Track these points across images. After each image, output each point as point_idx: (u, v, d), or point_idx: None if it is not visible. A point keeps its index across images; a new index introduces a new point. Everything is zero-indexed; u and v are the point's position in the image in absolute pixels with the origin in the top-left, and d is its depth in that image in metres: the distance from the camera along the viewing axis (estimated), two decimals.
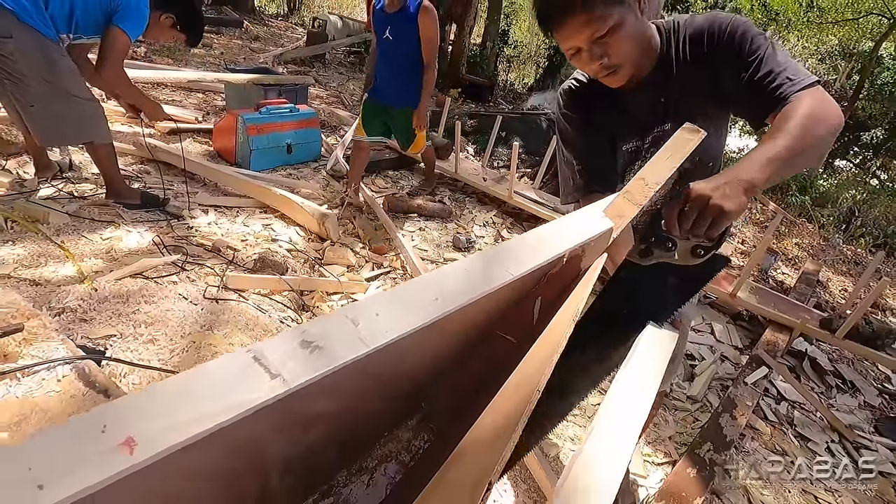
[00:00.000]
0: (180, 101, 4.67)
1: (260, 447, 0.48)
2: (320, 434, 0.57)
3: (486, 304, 0.69)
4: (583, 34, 0.92)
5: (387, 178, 4.19)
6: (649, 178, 0.74)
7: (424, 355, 0.65)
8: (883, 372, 2.93)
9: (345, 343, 0.44)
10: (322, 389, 0.49)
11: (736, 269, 3.72)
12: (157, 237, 2.32)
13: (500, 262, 0.60)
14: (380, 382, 0.60)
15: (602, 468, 0.53)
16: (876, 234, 5.95)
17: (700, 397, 2.32)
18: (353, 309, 0.48)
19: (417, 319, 0.49)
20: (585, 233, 0.70)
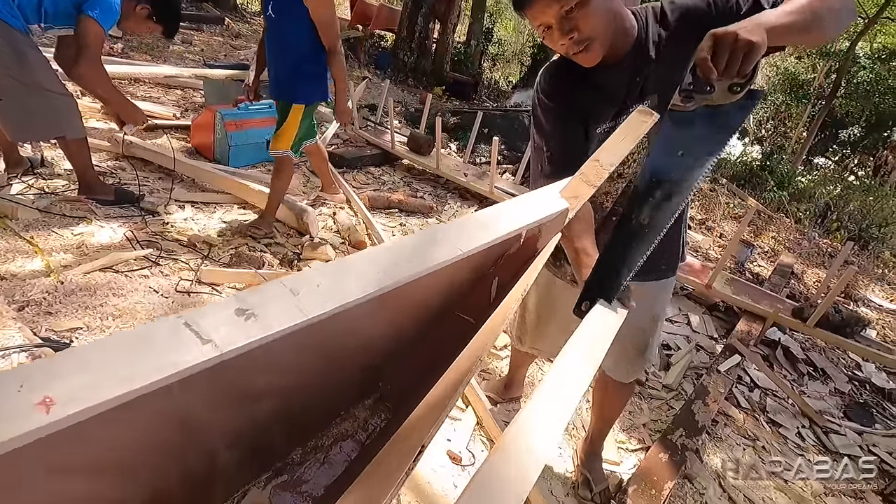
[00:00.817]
0: (158, 98, 4.60)
1: (201, 420, 0.48)
2: (269, 410, 0.57)
3: (441, 283, 0.69)
4: (552, 9, 0.94)
5: (368, 175, 4.18)
6: (604, 160, 0.75)
7: (378, 333, 0.65)
8: (853, 359, 3.00)
9: (282, 312, 0.44)
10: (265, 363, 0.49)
11: (712, 261, 3.78)
12: (131, 232, 2.29)
13: (450, 240, 0.60)
14: (330, 360, 0.61)
15: (539, 431, 0.54)
16: (851, 228, 6.08)
17: (675, 386, 2.36)
18: (293, 280, 0.48)
19: (360, 292, 0.49)
20: (540, 213, 0.71)
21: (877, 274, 4.79)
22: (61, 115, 2.29)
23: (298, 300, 0.47)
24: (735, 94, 0.74)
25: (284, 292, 0.47)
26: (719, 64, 0.73)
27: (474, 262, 0.69)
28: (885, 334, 3.52)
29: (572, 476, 1.74)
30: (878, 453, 2.23)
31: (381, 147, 4.42)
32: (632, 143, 0.83)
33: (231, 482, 0.61)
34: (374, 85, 7.13)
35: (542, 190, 0.80)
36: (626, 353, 1.40)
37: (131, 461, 0.45)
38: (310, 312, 0.46)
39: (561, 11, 0.94)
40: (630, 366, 1.43)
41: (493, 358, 2.25)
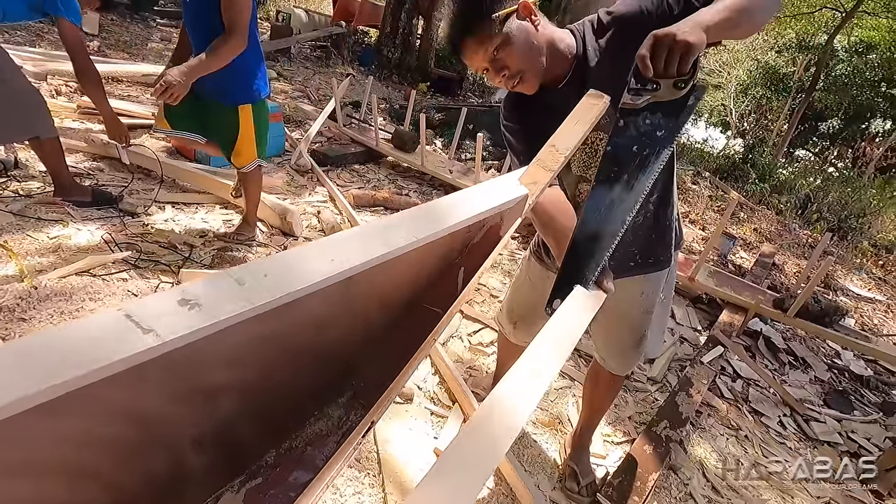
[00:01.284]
0: (137, 97, 4.52)
1: (159, 417, 0.47)
2: (234, 408, 0.56)
3: (406, 274, 0.69)
4: (479, 55, 1.05)
5: (353, 172, 4.15)
6: (559, 145, 0.76)
7: (344, 329, 0.64)
8: (833, 348, 3.07)
9: (227, 301, 0.43)
10: (220, 356, 0.48)
11: (696, 253, 3.83)
12: (109, 234, 2.25)
13: (405, 228, 0.59)
14: (297, 355, 0.60)
15: (510, 409, 0.56)
16: (830, 218, 6.20)
17: (659, 378, 2.39)
18: (239, 270, 0.47)
19: (308, 281, 0.48)
20: (500, 199, 0.71)
21: (855, 263, 4.89)
22: (32, 115, 2.23)
23: (244, 290, 0.45)
24: (680, 90, 0.79)
25: (230, 282, 0.46)
26: (658, 63, 0.78)
27: (438, 251, 0.69)
28: (864, 322, 3.60)
29: (559, 470, 1.76)
30: (856, 439, 2.28)
31: (366, 144, 4.39)
32: (584, 127, 0.83)
33: (203, 486, 0.60)
34: (358, 82, 7.08)
35: (502, 178, 0.81)
36: (620, 347, 1.42)
37: (81, 460, 0.43)
38: (256, 301, 0.45)
39: (488, 55, 1.04)
40: (625, 358, 1.45)
41: (479, 354, 2.25)
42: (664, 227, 1.26)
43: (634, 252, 1.25)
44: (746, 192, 6.57)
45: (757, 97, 17.20)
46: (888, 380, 2.89)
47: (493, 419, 0.55)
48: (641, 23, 1.02)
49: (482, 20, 1.02)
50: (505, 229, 0.73)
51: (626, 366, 1.47)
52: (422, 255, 0.65)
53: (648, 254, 1.27)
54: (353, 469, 1.53)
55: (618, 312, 1.37)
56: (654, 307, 1.36)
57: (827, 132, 16.68)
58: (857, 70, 13.40)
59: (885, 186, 9.40)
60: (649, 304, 1.35)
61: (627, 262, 1.26)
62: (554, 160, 0.75)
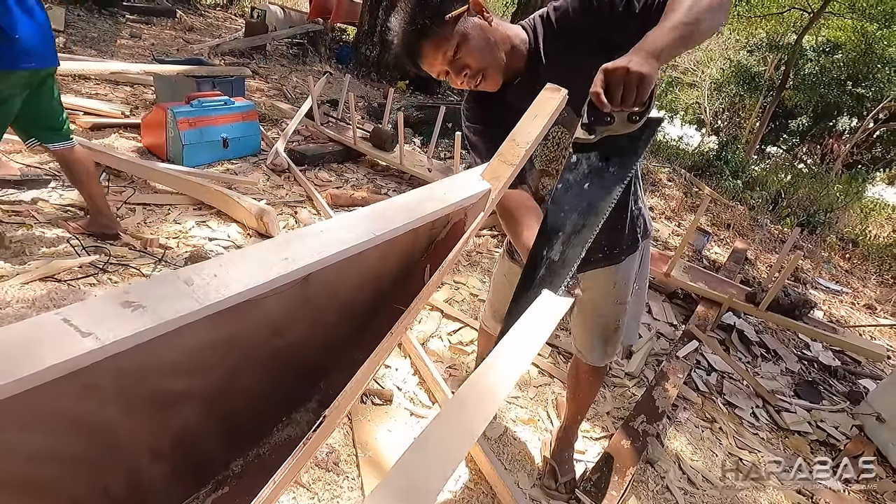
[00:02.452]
0: (105, 95, 4.38)
1: (110, 428, 0.45)
2: (195, 416, 0.54)
3: (368, 274, 0.68)
4: (437, 59, 1.03)
5: (331, 171, 4.11)
6: (519, 139, 0.77)
7: (306, 331, 0.63)
8: (803, 340, 3.16)
9: (174, 302, 0.41)
10: (173, 361, 0.47)
11: (672, 249, 3.90)
12: (75, 238, 2.17)
13: (363, 225, 0.59)
14: (260, 361, 0.58)
15: (482, 398, 0.58)
16: (800, 214, 6.38)
17: (637, 373, 2.42)
18: (187, 271, 0.45)
19: (261, 280, 0.46)
20: (461, 195, 0.71)
21: (823, 257, 5.05)
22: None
23: (192, 291, 0.44)
24: (634, 122, 0.78)
25: (177, 283, 0.44)
26: (614, 98, 0.77)
27: (401, 248, 0.68)
28: (831, 314, 3.72)
29: (538, 468, 1.77)
30: (825, 428, 2.35)
31: (343, 143, 4.35)
32: (543, 121, 0.84)
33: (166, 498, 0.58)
34: (336, 80, 7.01)
35: (464, 174, 0.81)
36: (597, 338, 1.44)
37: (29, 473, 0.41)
38: (205, 301, 0.43)
39: (447, 57, 1.02)
40: (602, 350, 1.47)
41: (459, 354, 2.25)
42: (630, 217, 1.28)
43: (602, 243, 1.27)
44: (720, 189, 6.71)
45: (730, 95, 17.60)
46: (854, 369, 2.99)
47: (467, 407, 0.55)
48: (583, 23, 1.04)
49: (436, 23, 1.00)
50: (469, 225, 0.73)
51: (604, 357, 1.49)
52: (383, 253, 0.64)
53: (615, 244, 1.29)
54: (332, 473, 1.52)
55: (592, 305, 1.39)
56: (627, 297, 1.38)
57: (797, 129, 17.16)
58: (824, 69, 13.81)
59: (850, 182, 9.73)
60: (622, 294, 1.37)
61: (595, 254, 1.27)
62: (515, 154, 0.76)
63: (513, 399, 2.07)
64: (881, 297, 4.40)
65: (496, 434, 1.87)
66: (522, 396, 2.10)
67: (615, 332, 1.42)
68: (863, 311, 4.03)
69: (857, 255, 5.39)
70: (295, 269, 0.49)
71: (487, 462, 1.64)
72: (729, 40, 16.78)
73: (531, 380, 2.20)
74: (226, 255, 0.48)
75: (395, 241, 0.61)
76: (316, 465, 1.52)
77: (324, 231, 0.55)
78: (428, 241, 0.69)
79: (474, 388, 0.58)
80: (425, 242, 0.68)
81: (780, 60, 14.70)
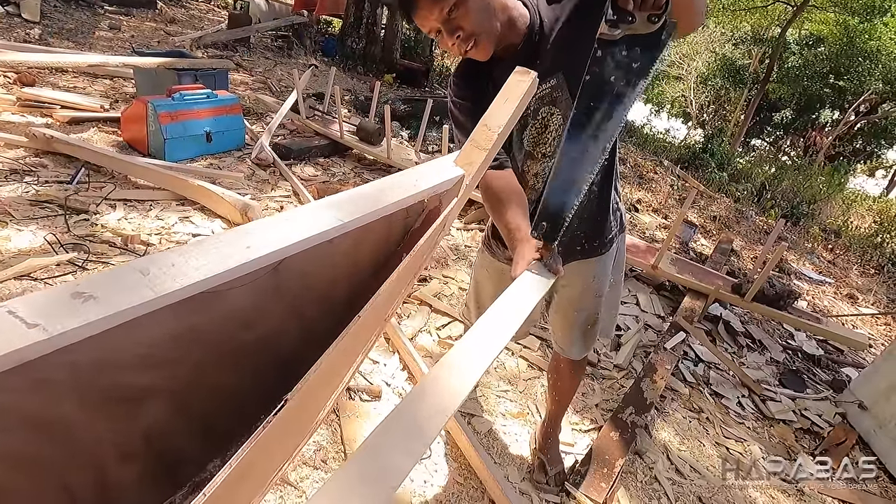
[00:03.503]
0: (84, 88, 4.28)
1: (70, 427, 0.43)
2: (164, 414, 0.52)
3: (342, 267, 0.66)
4: (433, 14, 0.99)
5: (317, 166, 4.06)
6: (491, 124, 0.76)
7: (278, 323, 0.61)
8: (787, 330, 3.20)
9: (128, 292, 0.40)
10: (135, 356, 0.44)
11: (659, 241, 3.92)
12: (52, 235, 2.12)
13: (331, 213, 0.57)
14: (233, 356, 0.56)
15: (461, 370, 0.58)
16: (784, 205, 6.46)
17: (625, 365, 2.44)
18: (144, 260, 0.43)
19: (221, 269, 0.45)
20: (434, 181, 0.70)
21: (807, 248, 5.12)
22: None
23: (148, 279, 0.42)
24: (654, 24, 0.82)
25: (132, 273, 0.43)
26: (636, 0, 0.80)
27: (375, 237, 0.67)
28: (815, 304, 3.78)
29: (528, 461, 1.77)
30: (809, 416, 2.39)
31: (330, 137, 4.30)
32: (514, 104, 0.83)
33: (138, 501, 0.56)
34: (321, 73, 6.92)
35: (437, 160, 0.81)
36: (576, 332, 1.44)
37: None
38: (161, 291, 0.41)
39: (443, 14, 0.99)
40: (581, 343, 1.47)
41: (448, 348, 2.24)
42: (607, 210, 1.29)
43: (580, 236, 1.28)
44: (706, 181, 6.77)
45: (716, 88, 17.75)
46: (837, 358, 3.04)
47: (441, 384, 0.55)
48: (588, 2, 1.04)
49: None
50: (451, 212, 0.72)
51: (584, 350, 1.50)
52: (357, 242, 0.63)
53: (594, 237, 1.30)
54: (319, 471, 1.50)
55: (571, 298, 1.40)
56: (605, 290, 1.39)
57: (780, 122, 17.39)
58: (807, 62, 13.98)
59: (833, 174, 9.87)
60: (600, 287, 1.38)
61: (574, 247, 1.28)
62: (487, 139, 0.75)
63: (502, 393, 2.07)
64: (862, 286, 4.48)
65: (486, 428, 1.86)
66: (512, 390, 2.10)
67: (594, 325, 1.43)
68: (845, 300, 4.10)
69: (840, 246, 5.48)
70: (256, 258, 0.47)
71: (477, 456, 1.63)
72: (714, 33, 16.90)
73: (520, 373, 2.19)
74: (186, 246, 0.46)
75: (368, 229, 0.60)
76: (304, 464, 1.50)
77: (288, 220, 0.54)
78: (404, 230, 0.68)
79: (449, 366, 0.58)
80: (401, 231, 0.67)
81: (765, 53, 14.85)
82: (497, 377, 2.15)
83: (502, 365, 2.23)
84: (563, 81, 1.10)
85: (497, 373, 2.18)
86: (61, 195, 2.52)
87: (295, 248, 0.51)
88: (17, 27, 5.51)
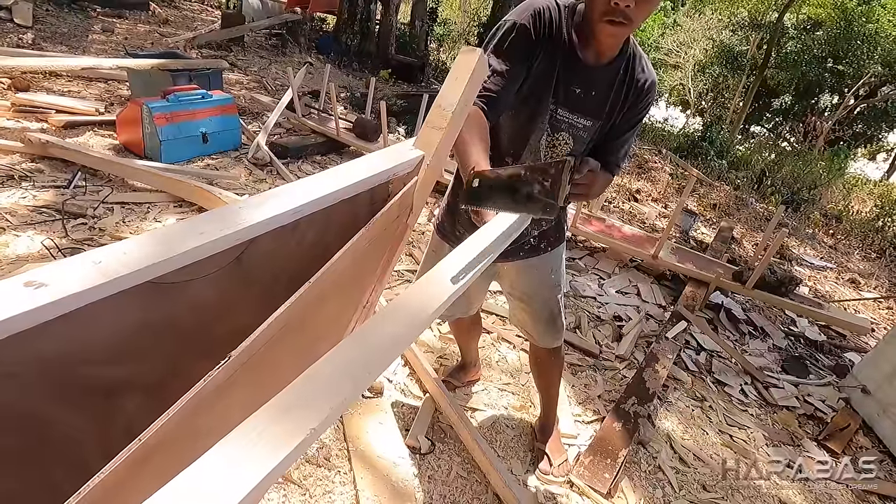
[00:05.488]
0: (79, 92, 4.26)
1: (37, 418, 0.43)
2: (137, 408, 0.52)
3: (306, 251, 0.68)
4: None
5: (315, 164, 4.05)
6: (444, 104, 0.76)
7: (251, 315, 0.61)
8: (789, 316, 3.19)
9: (79, 280, 0.40)
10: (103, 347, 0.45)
11: (659, 231, 3.91)
12: (50, 240, 2.11)
13: (284, 198, 0.58)
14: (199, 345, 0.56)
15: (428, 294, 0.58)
16: (784, 191, 6.44)
17: (627, 355, 2.43)
18: (97, 251, 0.44)
19: (172, 253, 0.45)
20: (393, 162, 0.71)
21: (807, 234, 5.10)
22: None
23: (100, 267, 0.43)
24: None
25: (84, 262, 0.43)
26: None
27: (341, 222, 0.68)
28: (816, 290, 3.77)
29: (532, 453, 1.77)
30: (812, 402, 2.39)
31: (326, 134, 4.28)
32: (463, 84, 0.81)
33: None
34: (317, 70, 6.89)
35: (398, 144, 0.82)
36: (541, 321, 1.50)
37: None
38: (114, 274, 0.42)
39: None
40: (549, 332, 1.53)
41: (449, 343, 2.24)
42: (565, 209, 1.39)
43: (548, 232, 1.36)
44: (706, 169, 6.74)
45: (714, 76, 17.64)
46: (840, 343, 3.03)
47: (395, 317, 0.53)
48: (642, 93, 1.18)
49: None
50: (408, 193, 0.73)
51: (553, 339, 1.55)
52: (323, 227, 0.63)
53: (557, 233, 1.40)
54: (323, 468, 1.50)
55: (531, 293, 1.46)
56: (560, 281, 1.47)
57: (780, 108, 17.28)
58: (805, 47, 13.87)
59: (833, 159, 9.82)
60: (558, 277, 1.45)
61: (540, 244, 1.37)
62: (442, 119, 0.75)
63: (504, 386, 2.06)
64: (864, 271, 4.47)
65: (488, 422, 1.86)
66: (513, 383, 2.10)
67: (558, 314, 1.50)
68: (847, 285, 4.09)
69: (841, 231, 5.46)
70: (209, 242, 0.47)
71: (480, 450, 1.63)
72: (711, 20, 16.77)
73: (522, 366, 2.19)
74: (140, 236, 0.47)
75: (333, 214, 0.60)
76: (307, 462, 1.50)
77: (244, 207, 0.54)
78: (370, 214, 0.68)
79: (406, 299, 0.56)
80: (368, 216, 0.68)
81: (763, 39, 14.73)
82: (499, 370, 2.15)
83: (504, 358, 2.23)
84: (597, 129, 1.19)
85: (499, 366, 2.18)
86: (59, 200, 2.52)
87: (250, 233, 0.51)
88: (9, 32, 5.49)
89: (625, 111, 1.18)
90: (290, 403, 0.38)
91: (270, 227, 0.55)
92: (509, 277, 1.47)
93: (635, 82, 1.16)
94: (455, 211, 1.35)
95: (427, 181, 0.81)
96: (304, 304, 0.57)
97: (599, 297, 2.89)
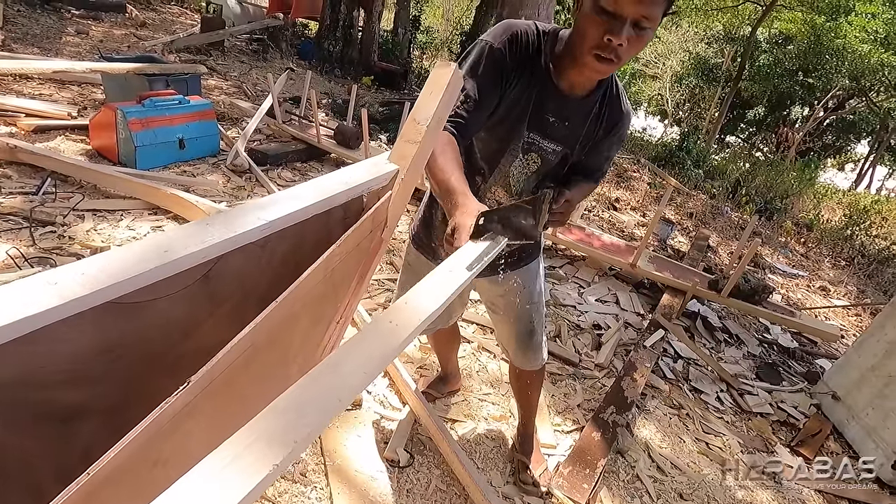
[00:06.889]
0: (50, 95, 4.15)
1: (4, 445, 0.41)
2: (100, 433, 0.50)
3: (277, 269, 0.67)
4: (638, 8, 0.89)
5: (294, 171, 4.01)
6: (418, 117, 0.76)
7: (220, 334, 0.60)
8: (763, 324, 3.26)
9: (34, 303, 0.39)
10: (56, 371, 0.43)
11: (638, 240, 3.97)
12: (16, 249, 2.04)
13: (256, 212, 0.57)
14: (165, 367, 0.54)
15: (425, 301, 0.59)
16: (758, 200, 6.60)
17: (606, 364, 2.45)
18: (53, 272, 0.43)
19: (133, 273, 0.44)
20: (367, 177, 0.71)
21: (780, 242, 5.24)
22: None
23: (56, 289, 0.41)
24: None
25: (39, 283, 0.41)
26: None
27: (315, 238, 0.67)
28: (789, 297, 3.86)
29: (511, 464, 1.76)
30: (785, 409, 2.44)
31: (307, 141, 4.24)
32: (437, 98, 0.81)
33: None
34: (298, 76, 6.84)
35: (372, 158, 0.82)
36: (518, 335, 1.47)
37: None
38: (71, 295, 0.40)
39: (638, 15, 0.90)
40: (526, 350, 1.50)
41: (429, 353, 2.22)
42: None
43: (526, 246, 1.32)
44: (683, 179, 6.88)
45: (690, 87, 18.09)
46: (811, 350, 3.11)
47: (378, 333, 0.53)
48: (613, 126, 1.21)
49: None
50: (381, 207, 0.73)
51: (532, 360, 1.52)
52: (296, 244, 0.62)
53: (533, 247, 1.40)
54: (299, 484, 1.47)
55: (505, 308, 1.44)
56: (535, 297, 1.44)
57: (753, 119, 17.80)
58: (777, 60, 14.32)
59: (804, 169, 10.13)
60: (535, 291, 1.43)
61: (499, 262, 1.33)
62: (417, 133, 0.75)
63: (484, 396, 2.06)
64: (834, 278, 4.61)
65: (468, 433, 1.85)
66: (494, 393, 2.09)
67: (532, 332, 1.47)
68: (818, 292, 4.21)
69: (812, 239, 5.62)
70: (173, 261, 0.46)
71: (459, 462, 1.62)
72: (688, 33, 17.22)
73: (503, 376, 2.19)
74: (98, 255, 0.45)
75: (304, 230, 0.59)
76: (282, 478, 1.47)
77: (210, 224, 0.53)
78: (344, 229, 0.67)
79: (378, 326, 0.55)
80: (340, 231, 0.67)
81: (737, 52, 15.17)
82: (479, 381, 2.14)
83: (484, 368, 2.23)
84: (565, 157, 1.20)
85: (479, 376, 2.17)
86: (26, 207, 2.44)
87: (218, 250, 0.50)
88: None
89: (597, 141, 1.20)
90: (253, 437, 0.37)
91: (239, 243, 0.53)
92: (487, 292, 1.47)
93: (611, 119, 1.17)
94: (430, 224, 1.35)
95: (402, 195, 0.80)
96: (272, 322, 0.56)
97: (579, 306, 2.91)
